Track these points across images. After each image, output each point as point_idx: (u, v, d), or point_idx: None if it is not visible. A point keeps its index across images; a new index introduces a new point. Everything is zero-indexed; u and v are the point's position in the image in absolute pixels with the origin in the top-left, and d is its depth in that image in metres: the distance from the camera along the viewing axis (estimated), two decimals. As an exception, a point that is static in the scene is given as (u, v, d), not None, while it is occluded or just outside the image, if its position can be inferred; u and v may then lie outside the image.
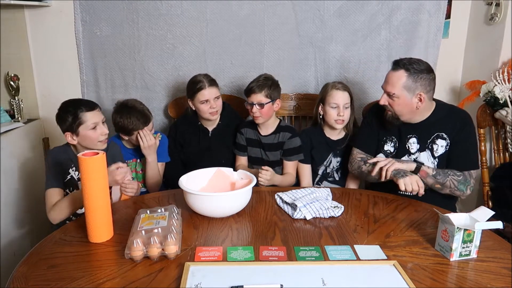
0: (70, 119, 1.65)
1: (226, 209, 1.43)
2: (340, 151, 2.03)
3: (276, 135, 2.00)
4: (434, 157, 1.74)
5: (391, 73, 1.70)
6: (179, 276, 1.08)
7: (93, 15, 2.34)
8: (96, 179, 1.25)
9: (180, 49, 2.39)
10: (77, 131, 1.66)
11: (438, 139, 1.73)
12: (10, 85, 2.23)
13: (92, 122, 1.67)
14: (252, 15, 2.34)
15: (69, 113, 1.66)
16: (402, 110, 1.70)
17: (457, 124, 1.72)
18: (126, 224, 1.36)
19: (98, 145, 1.70)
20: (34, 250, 1.23)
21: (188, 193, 1.41)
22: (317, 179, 2.07)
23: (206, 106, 2.02)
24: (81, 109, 1.66)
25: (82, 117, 1.65)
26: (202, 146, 2.12)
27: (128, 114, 1.93)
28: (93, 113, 1.68)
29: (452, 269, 1.14)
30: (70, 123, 1.66)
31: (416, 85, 1.65)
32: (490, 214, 1.19)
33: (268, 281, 1.06)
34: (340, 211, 1.47)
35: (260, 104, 1.91)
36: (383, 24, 2.35)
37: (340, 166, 2.04)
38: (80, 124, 1.65)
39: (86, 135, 1.67)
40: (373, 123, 1.89)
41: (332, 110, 1.94)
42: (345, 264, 1.15)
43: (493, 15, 2.22)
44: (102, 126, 1.71)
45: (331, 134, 2.04)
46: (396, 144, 1.81)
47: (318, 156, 2.03)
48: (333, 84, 1.97)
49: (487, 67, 2.26)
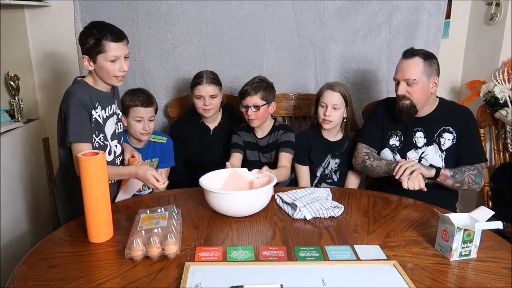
0: (92, 43, 1.51)
1: (250, 208, 1.44)
2: (338, 153, 2.02)
3: (271, 135, 2.00)
4: (442, 151, 1.76)
5: (406, 62, 1.72)
6: (179, 276, 1.08)
7: (93, 15, 2.33)
8: (96, 179, 1.25)
9: (180, 49, 2.39)
10: (95, 58, 1.52)
11: (444, 133, 1.76)
12: (10, 85, 2.23)
13: (113, 54, 1.51)
14: (252, 15, 2.34)
15: (92, 36, 1.51)
16: (421, 97, 1.71)
17: (461, 119, 1.75)
18: (126, 224, 1.36)
19: (113, 80, 1.58)
20: (34, 250, 1.23)
21: (213, 193, 1.42)
22: (315, 182, 2.06)
23: (200, 102, 2.03)
24: (106, 37, 1.50)
25: (105, 46, 1.50)
26: (203, 144, 2.12)
27: (132, 92, 1.95)
28: (118, 45, 1.53)
29: (452, 269, 1.14)
30: (90, 48, 1.52)
31: (432, 69, 1.70)
32: (490, 214, 1.19)
33: (268, 281, 1.06)
34: (340, 211, 1.47)
35: (255, 106, 1.90)
36: (383, 24, 2.35)
37: (338, 167, 2.03)
38: (100, 52, 1.51)
39: (103, 66, 1.53)
40: (378, 118, 1.90)
41: (320, 109, 1.95)
42: (345, 264, 1.15)
43: (493, 15, 2.22)
44: (123, 61, 1.56)
45: (328, 135, 2.03)
46: (402, 138, 1.82)
47: (316, 157, 2.03)
48: (328, 85, 1.97)
49: (487, 67, 2.26)
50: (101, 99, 1.59)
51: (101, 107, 1.60)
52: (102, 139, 1.61)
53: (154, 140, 2.04)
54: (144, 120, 1.92)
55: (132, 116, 1.92)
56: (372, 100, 2.37)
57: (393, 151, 1.84)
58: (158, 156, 2.03)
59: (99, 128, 1.59)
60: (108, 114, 1.64)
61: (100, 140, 1.60)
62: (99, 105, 1.58)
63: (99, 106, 1.59)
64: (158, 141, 2.04)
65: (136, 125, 1.92)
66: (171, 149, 2.07)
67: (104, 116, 1.62)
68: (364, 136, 1.93)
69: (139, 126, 1.92)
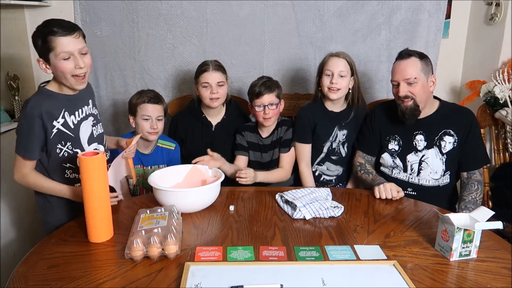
0: (40, 43, 1.35)
1: (186, 206, 1.45)
2: (345, 124, 1.96)
3: (275, 133, 1.99)
4: (442, 154, 1.75)
5: (404, 62, 1.70)
6: (179, 276, 1.08)
7: (93, 15, 2.34)
8: (96, 179, 1.25)
9: (180, 49, 2.40)
10: (48, 59, 1.36)
11: (445, 136, 1.74)
12: (10, 85, 2.23)
13: (63, 50, 1.33)
14: (252, 15, 2.35)
15: (40, 35, 1.34)
16: (423, 96, 1.70)
17: (464, 122, 1.73)
18: (126, 224, 1.36)
19: (72, 81, 1.40)
20: (34, 250, 1.23)
21: (155, 188, 1.46)
22: (319, 159, 2.00)
23: (207, 91, 1.97)
24: (53, 32, 1.32)
25: (52, 42, 1.33)
26: (205, 141, 2.06)
27: (140, 91, 1.92)
28: (68, 39, 1.34)
29: (452, 269, 1.14)
30: (40, 48, 1.36)
31: (428, 68, 1.71)
32: (490, 214, 1.19)
33: (268, 281, 1.06)
34: (340, 211, 1.47)
35: (272, 104, 1.89)
36: (383, 24, 2.36)
37: (346, 139, 1.97)
38: (50, 50, 1.34)
39: (56, 66, 1.36)
40: (373, 124, 1.89)
41: (326, 78, 1.88)
42: (345, 264, 1.15)
43: (493, 15, 2.22)
44: (78, 57, 1.37)
45: (333, 107, 1.97)
46: (400, 142, 1.81)
47: (323, 131, 1.96)
48: (331, 53, 1.92)
49: (487, 67, 2.26)
50: (68, 104, 1.47)
51: (69, 113, 1.47)
52: (70, 147, 1.49)
53: (162, 146, 1.98)
54: (152, 119, 1.85)
55: (140, 115, 1.85)
56: (372, 100, 2.37)
57: (392, 155, 1.83)
58: (165, 162, 1.97)
59: (64, 137, 1.47)
60: (81, 118, 1.52)
61: (68, 149, 1.49)
62: (65, 112, 1.46)
63: (66, 112, 1.46)
64: (166, 147, 1.98)
65: (143, 123, 1.85)
66: (179, 156, 2.02)
67: (75, 121, 1.50)
68: (360, 143, 1.94)
69: (147, 125, 1.84)
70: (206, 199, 1.50)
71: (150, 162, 1.94)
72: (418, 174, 1.78)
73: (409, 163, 1.79)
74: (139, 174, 1.93)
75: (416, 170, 1.78)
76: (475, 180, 1.72)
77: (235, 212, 1.49)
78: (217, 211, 1.49)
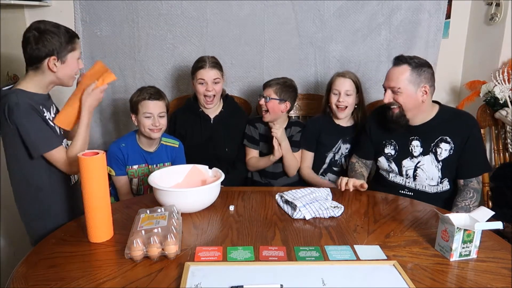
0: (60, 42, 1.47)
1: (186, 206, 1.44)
2: (349, 139, 2.06)
3: (287, 130, 2.03)
4: (438, 161, 1.73)
5: (393, 69, 1.70)
6: (179, 276, 1.08)
7: (93, 15, 2.34)
8: (96, 179, 1.25)
9: (180, 49, 2.40)
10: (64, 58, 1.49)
11: (442, 143, 1.72)
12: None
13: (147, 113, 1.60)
14: (252, 15, 2.34)
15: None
16: (408, 104, 1.68)
17: (462, 128, 1.70)
18: (126, 224, 1.36)
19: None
20: (34, 250, 1.23)
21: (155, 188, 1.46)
22: (322, 170, 2.09)
23: (203, 87, 2.00)
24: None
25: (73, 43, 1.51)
26: (204, 134, 2.07)
27: (140, 88, 1.90)
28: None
29: (452, 269, 1.14)
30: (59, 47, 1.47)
31: (420, 78, 1.66)
32: (490, 214, 1.19)
33: (268, 281, 1.06)
34: (340, 211, 1.47)
35: (267, 97, 1.95)
36: (383, 24, 2.36)
37: (349, 153, 2.06)
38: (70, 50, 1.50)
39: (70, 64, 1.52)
40: (371, 129, 1.89)
41: (334, 97, 2.00)
42: (345, 264, 1.15)
43: (493, 15, 2.22)
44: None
45: (340, 121, 2.08)
46: (397, 147, 1.81)
47: (327, 141, 2.06)
48: (338, 73, 2.02)
49: (487, 67, 2.26)
50: (42, 101, 1.53)
51: (46, 110, 1.53)
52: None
53: (166, 144, 1.96)
54: (154, 116, 1.82)
55: (141, 112, 1.83)
56: (372, 101, 2.37)
57: (388, 160, 1.83)
58: (170, 160, 1.96)
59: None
60: (53, 115, 1.59)
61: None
62: (43, 108, 1.52)
63: (44, 109, 1.52)
64: (170, 145, 1.96)
65: (145, 121, 1.82)
66: (183, 154, 2.01)
67: (50, 118, 1.56)
68: (356, 147, 2.00)
69: (148, 122, 1.82)
70: (206, 199, 1.50)
71: (154, 161, 1.93)
72: (414, 180, 1.78)
73: (404, 168, 1.79)
74: (144, 173, 1.92)
75: (411, 175, 1.78)
76: (471, 187, 1.69)
77: (235, 212, 1.49)
78: (217, 211, 1.50)
